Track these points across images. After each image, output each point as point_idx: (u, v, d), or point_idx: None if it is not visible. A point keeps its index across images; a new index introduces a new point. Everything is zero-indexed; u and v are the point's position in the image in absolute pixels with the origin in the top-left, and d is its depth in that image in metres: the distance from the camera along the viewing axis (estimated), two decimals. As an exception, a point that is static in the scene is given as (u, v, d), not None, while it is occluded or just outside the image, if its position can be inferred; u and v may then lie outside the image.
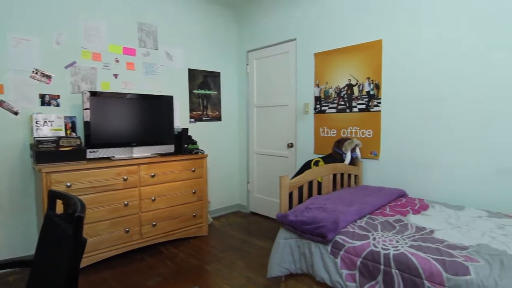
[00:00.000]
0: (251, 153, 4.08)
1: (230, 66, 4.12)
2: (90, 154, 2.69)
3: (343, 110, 3.01)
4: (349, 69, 2.93)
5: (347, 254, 1.65)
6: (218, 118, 4.02)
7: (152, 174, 2.86)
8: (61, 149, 2.52)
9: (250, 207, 4.14)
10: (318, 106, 3.22)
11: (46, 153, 2.44)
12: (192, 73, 3.72)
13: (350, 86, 2.94)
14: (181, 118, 3.64)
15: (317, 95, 3.22)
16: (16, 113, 2.61)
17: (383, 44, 2.68)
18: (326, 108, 3.15)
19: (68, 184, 2.41)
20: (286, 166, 3.64)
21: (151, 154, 3.06)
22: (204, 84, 3.85)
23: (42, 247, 1.18)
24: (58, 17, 2.76)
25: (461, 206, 2.19)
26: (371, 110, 2.79)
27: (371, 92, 2.78)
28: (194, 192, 3.17)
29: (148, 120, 3.02)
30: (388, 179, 2.73)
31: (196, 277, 2.43)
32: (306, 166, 2.74)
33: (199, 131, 3.82)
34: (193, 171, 3.15)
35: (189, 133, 3.65)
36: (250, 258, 2.75)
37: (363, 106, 2.85)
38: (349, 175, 2.76)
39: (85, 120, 2.67)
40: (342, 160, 2.72)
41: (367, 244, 1.61)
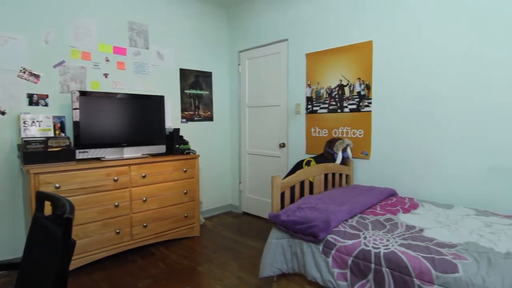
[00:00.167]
0: (243, 153, 4.08)
1: (221, 66, 4.11)
2: (80, 154, 2.65)
3: (334, 110, 3.03)
4: (340, 70, 2.96)
5: (339, 253, 1.66)
6: (210, 118, 4.01)
7: (143, 174, 2.84)
8: (49, 149, 2.48)
9: (242, 207, 4.13)
10: (309, 106, 3.24)
11: (34, 153, 2.39)
12: (184, 73, 3.70)
13: (341, 87, 2.96)
14: (172, 118, 3.62)
15: (309, 95, 3.24)
16: (3, 113, 2.56)
17: (373, 45, 2.71)
18: (317, 108, 3.17)
19: (57, 185, 2.37)
20: (278, 166, 3.65)
21: (142, 154, 3.03)
22: (195, 84, 3.83)
23: (30, 249, 1.16)
24: (46, 15, 2.71)
25: (450, 205, 2.23)
26: (362, 110, 2.82)
27: (362, 93, 2.81)
28: (185, 193, 3.15)
29: (139, 120, 2.99)
30: (378, 179, 2.75)
31: (188, 278, 2.42)
32: (298, 166, 2.75)
33: (191, 131, 3.80)
34: (185, 171, 3.13)
35: (180, 133, 3.63)
36: (242, 258, 2.75)
37: (354, 106, 2.87)
38: (340, 175, 2.78)
39: (75, 120, 2.63)
40: (334, 160, 2.74)
41: (358, 243, 1.62)
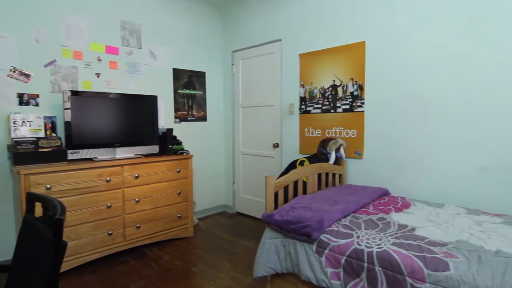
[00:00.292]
0: (236, 153, 4.08)
1: (215, 66, 4.10)
2: (71, 155, 2.62)
3: (327, 111, 3.05)
4: (334, 70, 2.97)
5: (332, 252, 1.67)
6: (204, 118, 4.00)
7: (136, 175, 2.81)
8: (40, 150, 2.44)
9: (236, 208, 4.13)
10: (303, 107, 3.25)
11: (24, 154, 2.36)
12: (177, 73, 3.69)
13: (334, 87, 2.98)
14: (165, 118, 3.60)
15: (302, 95, 3.25)
16: (-8, 113, 2.52)
17: (366, 45, 2.73)
18: (311, 108, 3.18)
19: (48, 186, 2.34)
20: (271, 166, 3.65)
21: (135, 155, 3.01)
22: (189, 84, 3.81)
23: (20, 251, 1.15)
24: (36, 14, 2.67)
25: (441, 204, 2.26)
26: (355, 110, 2.84)
27: (355, 93, 2.83)
28: (179, 193, 3.14)
29: (132, 120, 2.96)
30: (371, 178, 2.78)
31: (182, 279, 2.41)
32: (292, 166, 2.76)
33: (184, 132, 3.79)
34: (178, 171, 3.12)
35: (174, 134, 3.61)
36: (236, 258, 2.74)
37: (347, 106, 2.89)
38: (333, 175, 2.79)
39: (66, 120, 2.60)
40: (327, 160, 2.75)
41: (351, 243, 1.63)
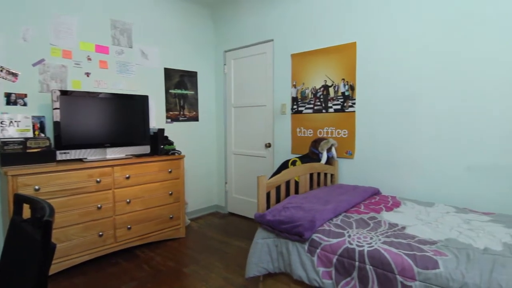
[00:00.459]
0: (229, 154, 4.07)
1: (207, 65, 4.09)
2: (61, 155, 2.58)
3: (319, 111, 3.06)
4: (325, 70, 2.99)
5: (324, 252, 1.68)
6: (196, 118, 3.98)
7: (127, 175, 2.79)
8: (28, 150, 2.40)
9: (228, 208, 4.12)
10: (295, 107, 3.26)
11: (12, 155, 2.32)
12: (168, 73, 3.66)
13: (326, 87, 3.00)
14: (157, 118, 3.57)
15: (294, 95, 3.26)
16: (-22, 112, 2.46)
17: (357, 46, 2.75)
18: (303, 108, 3.19)
19: (37, 187, 2.30)
20: (264, 166, 3.65)
21: (126, 155, 2.98)
22: (180, 84, 3.79)
23: (7, 254, 1.12)
24: (24, 12, 2.62)
25: (431, 202, 2.29)
26: (346, 110, 2.86)
27: (346, 93, 2.85)
28: (170, 194, 3.12)
29: (123, 120, 2.93)
30: (362, 178, 2.80)
31: (173, 280, 2.39)
32: (284, 166, 2.77)
33: (176, 132, 3.76)
34: (170, 172, 3.10)
35: (165, 134, 3.59)
36: (228, 258, 2.74)
37: (339, 106, 2.91)
38: (325, 175, 2.81)
39: (55, 120, 2.56)
40: (319, 160, 2.76)
41: (342, 242, 1.65)
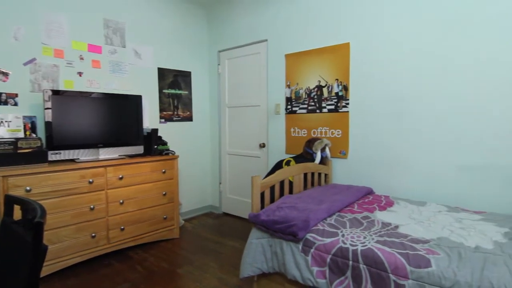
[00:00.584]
0: (223, 154, 4.06)
1: (201, 65, 4.08)
2: (52, 156, 2.55)
3: (313, 111, 3.07)
4: (319, 71, 3.00)
5: (318, 251, 1.69)
6: (189, 118, 3.96)
7: (120, 176, 2.76)
8: (19, 151, 2.37)
9: (223, 208, 4.11)
10: (289, 107, 3.27)
11: (2, 155, 2.28)
12: (162, 72, 3.64)
13: (319, 87, 3.01)
14: (150, 119, 3.55)
15: (288, 95, 3.27)
16: (-33, 112, 2.42)
17: (350, 47, 2.77)
18: (297, 108, 3.20)
19: (28, 188, 2.27)
20: (258, 166, 3.66)
21: (119, 155, 2.95)
22: (174, 84, 3.78)
23: (-3, 256, 1.10)
24: (15, 11, 2.59)
25: (423, 202, 2.31)
26: (339, 110, 2.88)
27: (340, 93, 2.86)
28: (164, 194, 3.10)
29: (116, 120, 2.91)
30: (356, 178, 2.82)
31: (167, 281, 2.38)
32: (278, 166, 2.77)
33: (170, 132, 3.74)
34: (164, 172, 3.08)
35: (159, 134, 3.57)
36: (223, 259, 2.73)
37: (332, 107, 2.92)
38: (319, 174, 2.82)
39: (47, 120, 2.53)
40: (313, 160, 2.77)
41: (336, 241, 1.65)
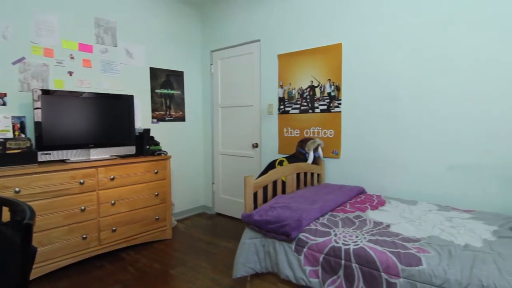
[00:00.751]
0: (216, 154, 4.05)
1: (193, 65, 4.06)
2: (42, 156, 2.51)
3: (306, 111, 3.09)
4: (311, 71, 3.02)
5: (310, 251, 1.70)
6: (182, 119, 3.94)
7: (112, 177, 2.74)
8: (8, 151, 2.33)
9: (216, 208, 4.10)
10: (282, 107, 3.28)
11: (-10, 156, 2.24)
12: (154, 72, 3.62)
13: (312, 88, 3.02)
14: (142, 119, 3.52)
15: (281, 95, 3.27)
16: (-46, 112, 2.37)
17: (343, 47, 2.79)
18: (289, 108, 3.21)
19: (17, 189, 2.23)
20: (251, 166, 3.66)
21: (110, 156, 2.92)
22: (167, 84, 3.75)
23: (-15, 259, 1.08)
24: (4, 9, 2.54)
25: (414, 201, 2.34)
26: (332, 111, 2.89)
27: (332, 94, 2.88)
28: (157, 195, 3.08)
29: (107, 120, 2.88)
30: (348, 177, 2.84)
31: (160, 282, 2.36)
32: (271, 166, 2.77)
33: (162, 132, 3.72)
34: (156, 173, 3.06)
35: (151, 134, 3.54)
36: (216, 259, 2.73)
37: (325, 107, 2.94)
38: (312, 174, 2.83)
39: (36, 120, 2.49)
40: (305, 160, 2.78)
41: (328, 241, 1.66)
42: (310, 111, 3.05)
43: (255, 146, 3.57)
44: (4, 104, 2.57)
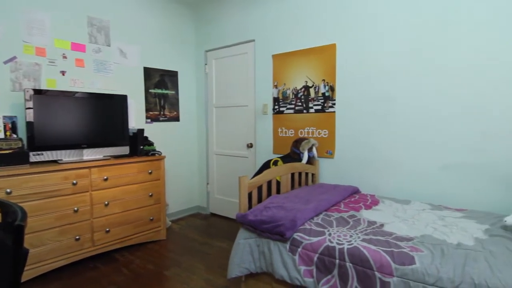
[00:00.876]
0: (210, 154, 4.04)
1: (188, 65, 4.04)
2: (34, 157, 2.48)
3: (300, 111, 3.09)
4: (306, 71, 3.02)
5: (305, 250, 1.70)
6: (176, 119, 3.93)
7: (105, 177, 2.71)
8: (-1, 152, 2.29)
9: (210, 209, 4.09)
10: (276, 107, 3.28)
11: (-19, 156, 2.21)
12: (148, 72, 3.60)
13: (306, 88, 3.03)
14: (136, 119, 3.50)
15: (276, 96, 3.28)
16: None
17: (337, 48, 2.80)
18: (284, 108, 3.22)
19: (8, 190, 2.20)
20: (246, 166, 3.65)
21: (104, 156, 2.90)
22: (161, 83, 3.73)
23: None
24: (-6, 7, 2.51)
25: (407, 200, 2.36)
26: (326, 111, 2.91)
27: (326, 94, 2.89)
28: (151, 195, 3.06)
29: (100, 120, 2.86)
30: (342, 177, 2.85)
31: (154, 283, 2.35)
32: (266, 166, 2.78)
33: (156, 132, 3.70)
34: (150, 173, 3.04)
35: (145, 134, 3.52)
36: (210, 260, 2.72)
37: (319, 107, 2.95)
38: (306, 174, 2.84)
39: (28, 120, 2.46)
40: (300, 160, 2.79)
41: (323, 240, 1.67)
42: (304, 111, 3.06)
43: (250, 146, 3.57)
44: (-5, 104, 2.53)
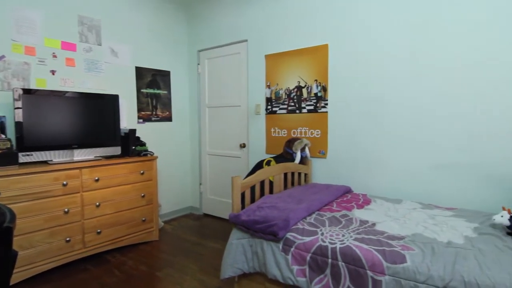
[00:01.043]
0: (203, 154, 4.03)
1: (180, 65, 4.02)
2: (23, 158, 2.44)
3: (293, 111, 3.10)
4: (298, 71, 3.03)
5: (298, 250, 1.71)
6: (169, 119, 3.90)
7: (96, 178, 2.68)
8: (-13, 152, 2.25)
9: (203, 209, 4.08)
10: (269, 107, 3.29)
11: (-32, 157, 2.16)
12: (140, 71, 3.57)
13: (299, 88, 3.04)
14: (128, 119, 3.47)
15: (268, 96, 3.28)
16: None
17: (329, 48, 2.82)
18: (277, 109, 3.22)
19: (-3, 191, 2.16)
20: (239, 166, 3.65)
21: (95, 156, 2.87)
22: (153, 83, 3.71)
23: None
24: (-18, 5, 2.46)
25: (399, 199, 2.39)
26: (319, 111, 2.92)
27: (319, 94, 2.91)
28: (143, 196, 3.04)
29: (91, 120, 2.82)
30: (335, 177, 2.87)
31: (146, 284, 2.33)
32: (258, 166, 2.78)
33: (149, 132, 3.67)
34: (142, 173, 3.02)
35: (137, 134, 3.49)
36: (203, 260, 2.71)
37: (312, 107, 2.96)
38: (299, 174, 2.85)
39: (17, 120, 2.42)
40: (293, 160, 2.80)
41: (315, 240, 1.68)
42: (297, 111, 3.07)
43: (243, 146, 3.56)
44: (-18, 103, 2.49)
